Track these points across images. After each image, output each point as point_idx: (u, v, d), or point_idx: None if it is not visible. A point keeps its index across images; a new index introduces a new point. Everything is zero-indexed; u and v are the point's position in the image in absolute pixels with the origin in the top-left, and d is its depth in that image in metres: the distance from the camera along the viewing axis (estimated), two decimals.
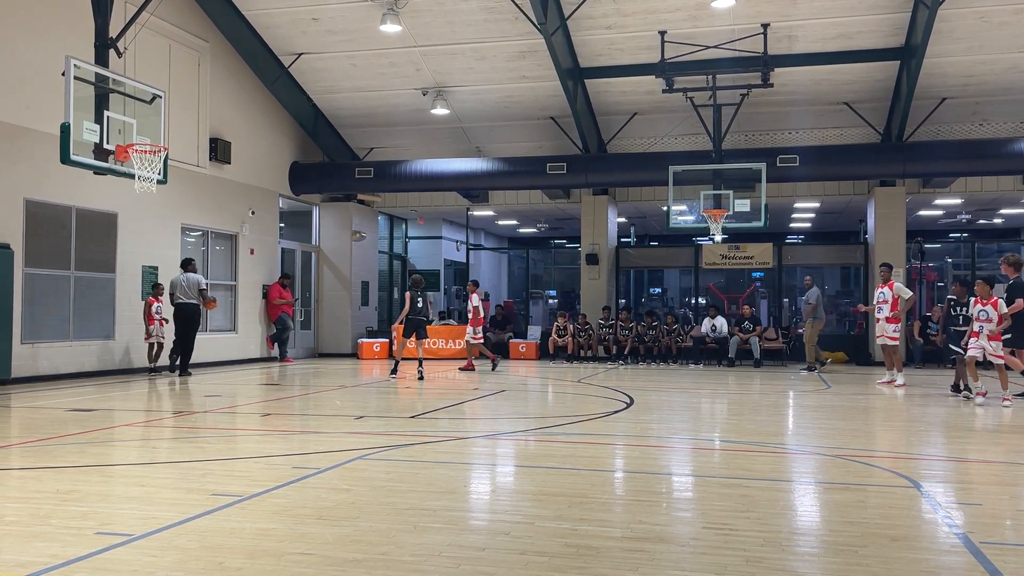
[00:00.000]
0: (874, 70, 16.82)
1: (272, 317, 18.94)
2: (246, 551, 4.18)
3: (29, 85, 13.00)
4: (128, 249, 15.05)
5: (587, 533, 4.57)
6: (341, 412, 10.03)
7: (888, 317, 13.72)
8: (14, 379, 12.61)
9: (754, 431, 8.65)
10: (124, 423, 8.97)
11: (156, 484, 5.83)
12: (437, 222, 26.69)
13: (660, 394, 12.40)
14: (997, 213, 24.30)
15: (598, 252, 20.51)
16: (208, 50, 17.11)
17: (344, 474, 6.12)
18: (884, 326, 13.83)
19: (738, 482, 6.03)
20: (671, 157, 17.38)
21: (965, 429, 9.07)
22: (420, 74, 18.02)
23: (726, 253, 20.73)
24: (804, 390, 13.14)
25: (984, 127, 17.97)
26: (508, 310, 24.84)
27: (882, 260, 19.05)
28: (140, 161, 10.17)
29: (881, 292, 13.96)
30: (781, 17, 15.45)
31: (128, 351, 15.01)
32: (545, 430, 8.69)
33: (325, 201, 21.46)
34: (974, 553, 4.23)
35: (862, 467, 6.58)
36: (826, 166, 17.92)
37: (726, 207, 16.29)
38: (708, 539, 4.46)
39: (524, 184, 19.96)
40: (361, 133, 20.74)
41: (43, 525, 4.66)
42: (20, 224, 13.00)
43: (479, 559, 4.10)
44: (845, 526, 4.76)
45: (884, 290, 13.88)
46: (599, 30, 16.31)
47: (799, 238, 28.95)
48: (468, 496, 5.74)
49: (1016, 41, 15.45)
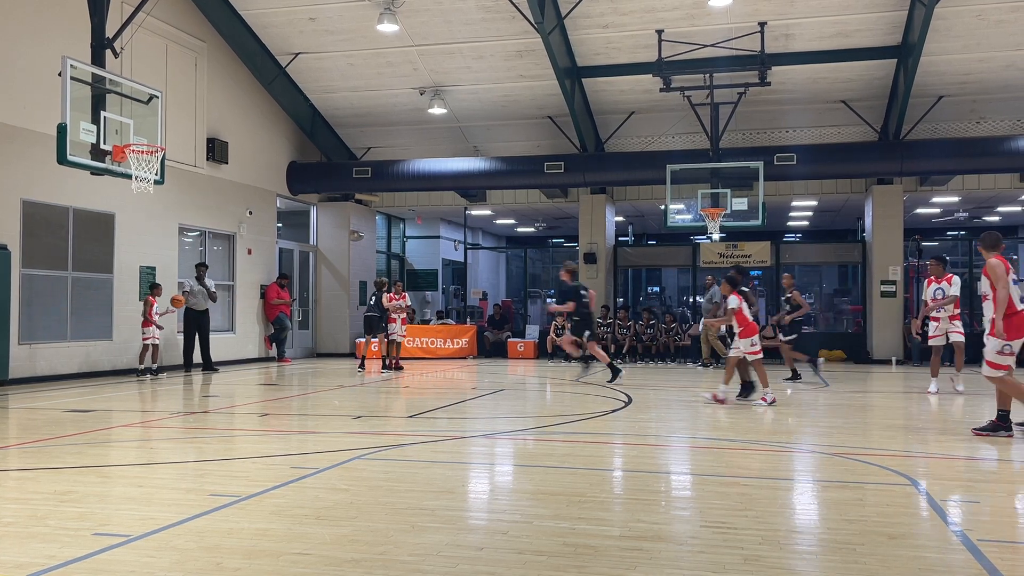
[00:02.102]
0: (871, 68, 16.83)
1: (270, 317, 18.93)
2: (244, 551, 4.18)
3: (26, 85, 12.98)
4: (125, 249, 15.03)
5: (585, 532, 4.57)
6: (339, 412, 10.03)
7: (952, 315, 12.18)
8: (12, 380, 12.60)
9: (752, 429, 8.66)
10: (122, 424, 8.96)
11: (154, 485, 5.83)
12: (435, 222, 26.69)
13: (658, 393, 12.41)
14: (994, 211, 24.33)
15: (596, 251, 20.51)
16: (205, 50, 17.09)
17: (342, 474, 6.12)
18: (947, 324, 12.23)
19: (736, 481, 6.03)
20: (669, 156, 17.37)
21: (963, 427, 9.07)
22: (418, 73, 18.01)
23: (724, 251, 20.74)
24: (802, 388, 13.14)
25: (981, 125, 17.98)
26: (506, 309, 24.83)
27: (881, 258, 19.14)
28: (137, 161, 10.16)
29: (939, 288, 12.19)
30: (778, 16, 15.45)
31: (126, 352, 14.98)
32: (543, 429, 8.69)
33: (323, 201, 21.45)
34: (972, 551, 4.23)
35: (860, 465, 6.58)
36: (824, 164, 17.93)
37: (724, 206, 16.29)
38: (706, 537, 4.47)
39: (522, 183, 19.96)
40: (359, 133, 20.73)
41: (41, 526, 4.66)
42: (17, 225, 12.98)
43: (477, 558, 4.10)
44: (843, 524, 4.76)
45: (944, 285, 12.14)
46: (596, 29, 16.31)
47: (797, 236, 28.96)
48: (466, 495, 5.74)
49: (1013, 39, 15.46)
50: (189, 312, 15.61)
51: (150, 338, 14.42)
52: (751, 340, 10.73)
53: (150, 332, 14.41)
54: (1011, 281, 7.89)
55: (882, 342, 19.06)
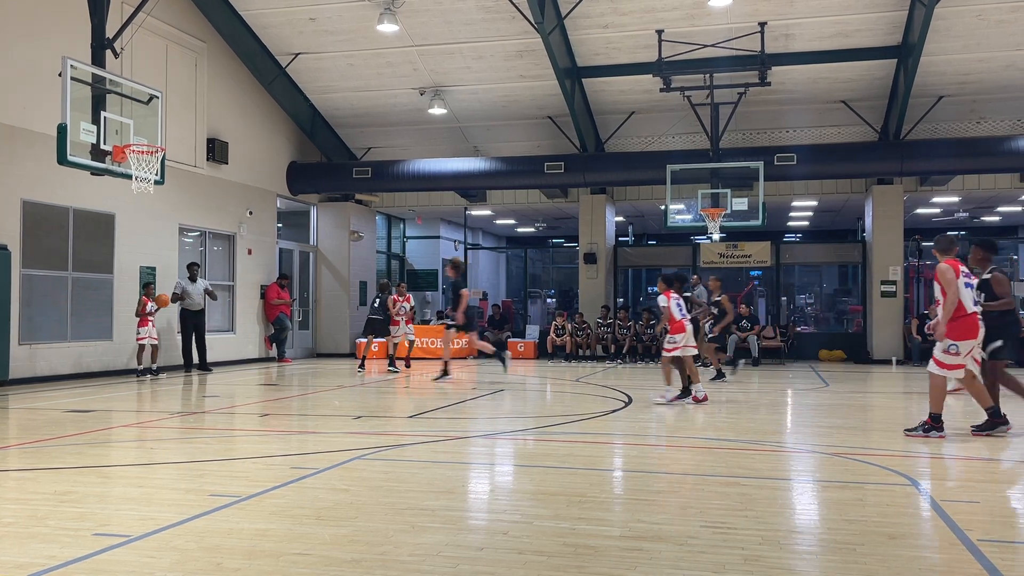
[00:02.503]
0: (871, 68, 16.83)
1: (270, 317, 18.93)
2: (244, 551, 4.18)
3: (26, 86, 12.98)
4: (126, 250, 15.03)
5: (585, 532, 4.57)
6: (339, 412, 10.03)
7: None
8: (12, 380, 12.60)
9: (752, 429, 8.66)
10: (122, 424, 8.96)
11: (154, 485, 5.83)
12: (435, 222, 26.69)
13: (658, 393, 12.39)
14: (994, 211, 24.33)
15: (596, 251, 20.51)
16: (205, 50, 17.10)
17: (342, 474, 6.12)
18: None
19: (736, 481, 6.03)
20: (669, 156, 17.37)
21: (963, 427, 9.07)
22: (418, 74, 18.01)
23: (724, 252, 20.74)
24: (803, 389, 13.15)
25: (981, 125, 17.98)
26: (506, 309, 24.84)
27: (881, 258, 19.12)
28: (137, 162, 10.16)
29: None
30: (778, 16, 15.45)
31: (126, 352, 14.98)
32: (543, 429, 8.69)
33: (323, 201, 21.45)
34: (972, 551, 4.23)
35: (860, 465, 6.58)
36: (824, 164, 17.93)
37: (724, 206, 16.29)
38: (706, 538, 4.47)
39: (522, 183, 19.96)
40: (359, 133, 20.73)
41: (41, 526, 4.66)
42: (17, 225, 12.98)
43: (477, 559, 4.10)
44: (843, 524, 4.76)
45: None
46: (596, 29, 16.31)
47: (797, 236, 28.96)
48: (466, 496, 5.74)
49: (1013, 39, 15.46)
50: (185, 312, 15.58)
51: (145, 338, 14.33)
52: (671, 338, 10.95)
53: (145, 332, 14.34)
54: (963, 284, 8.01)
55: (882, 342, 19.06)
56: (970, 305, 8.02)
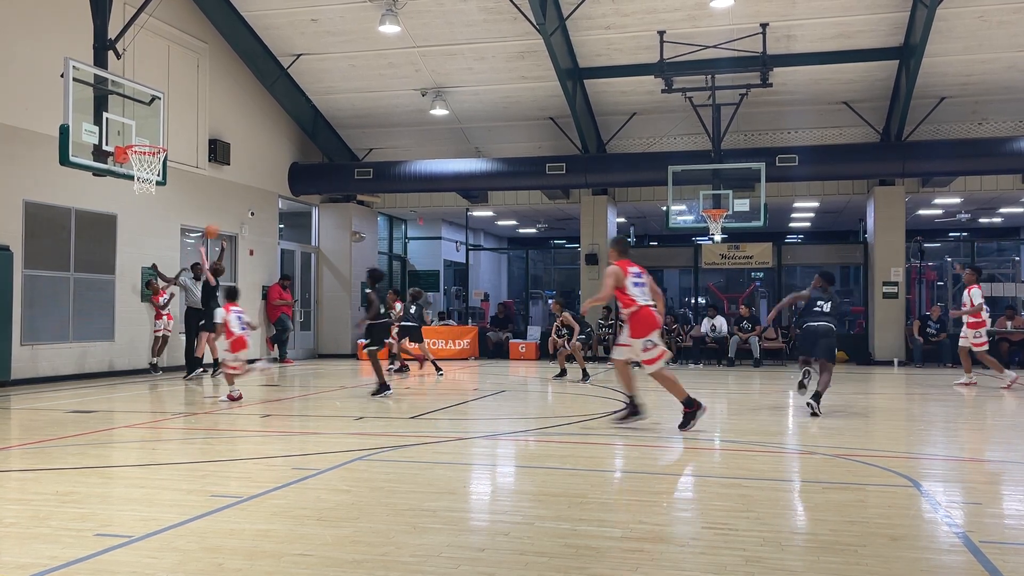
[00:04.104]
0: (873, 69, 16.82)
1: (272, 318, 18.93)
2: (246, 552, 4.18)
3: (28, 87, 13.00)
4: (127, 250, 15.05)
5: (587, 533, 4.57)
6: (341, 413, 10.03)
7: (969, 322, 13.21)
8: (14, 380, 12.61)
9: (754, 431, 8.65)
10: (124, 424, 8.96)
11: (156, 485, 5.83)
12: (437, 223, 26.69)
13: (659, 394, 12.38)
14: (996, 212, 24.31)
15: (598, 252, 20.50)
16: (207, 51, 17.11)
17: (344, 475, 6.12)
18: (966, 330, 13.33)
19: (737, 482, 6.03)
20: (670, 157, 17.38)
21: (965, 428, 9.07)
22: (419, 75, 18.02)
23: (726, 253, 20.73)
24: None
25: (983, 126, 17.98)
26: (508, 310, 24.85)
27: (882, 259, 19.13)
28: (139, 162, 10.18)
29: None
30: (780, 17, 15.45)
31: (128, 352, 15.00)
32: (545, 430, 8.69)
33: (324, 202, 21.46)
34: (974, 552, 4.22)
35: (861, 466, 6.57)
36: (825, 165, 17.93)
37: (725, 207, 16.30)
38: (708, 539, 4.46)
39: (523, 184, 19.97)
40: (360, 134, 20.74)
41: (43, 527, 4.66)
42: (19, 226, 13.00)
43: (479, 560, 4.10)
44: (845, 525, 4.76)
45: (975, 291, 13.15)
46: (598, 30, 16.31)
47: (799, 238, 28.96)
48: (468, 497, 5.74)
49: (1015, 40, 15.45)
50: (188, 310, 15.39)
51: (161, 330, 14.72)
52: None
53: (161, 324, 14.77)
54: (631, 283, 8.41)
55: (884, 343, 19.05)
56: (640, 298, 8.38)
